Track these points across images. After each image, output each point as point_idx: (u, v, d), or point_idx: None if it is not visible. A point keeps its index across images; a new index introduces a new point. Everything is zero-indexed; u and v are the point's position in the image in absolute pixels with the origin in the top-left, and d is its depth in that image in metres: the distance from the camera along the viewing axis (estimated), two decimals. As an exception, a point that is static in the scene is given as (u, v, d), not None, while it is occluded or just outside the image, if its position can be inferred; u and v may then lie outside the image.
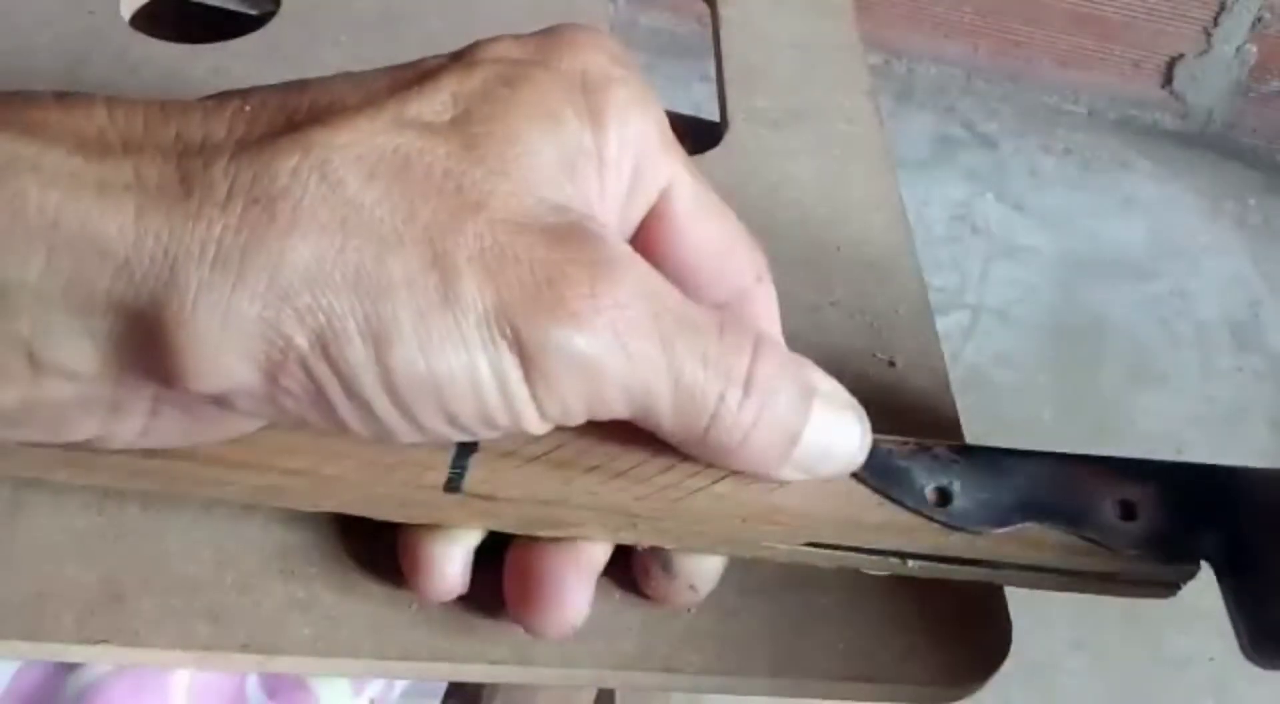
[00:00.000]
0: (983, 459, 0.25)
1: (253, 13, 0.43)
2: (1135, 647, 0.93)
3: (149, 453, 0.23)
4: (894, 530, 0.24)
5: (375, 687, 0.33)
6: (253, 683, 0.32)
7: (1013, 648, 0.27)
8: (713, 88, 0.42)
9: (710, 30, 0.44)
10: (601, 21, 0.43)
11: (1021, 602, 0.28)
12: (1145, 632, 0.93)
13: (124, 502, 0.27)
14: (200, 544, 0.27)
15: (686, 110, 0.43)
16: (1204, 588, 0.24)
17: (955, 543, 0.24)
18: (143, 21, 0.41)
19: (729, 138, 0.39)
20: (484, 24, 0.42)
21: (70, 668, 0.31)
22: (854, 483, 0.24)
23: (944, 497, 0.24)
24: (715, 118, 0.41)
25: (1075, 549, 0.24)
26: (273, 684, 0.32)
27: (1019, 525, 0.24)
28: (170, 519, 0.27)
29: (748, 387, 0.22)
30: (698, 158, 0.38)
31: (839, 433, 0.24)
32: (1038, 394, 1.09)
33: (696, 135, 0.39)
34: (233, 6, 0.45)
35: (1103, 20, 1.29)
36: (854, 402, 0.24)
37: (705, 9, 0.45)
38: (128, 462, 0.23)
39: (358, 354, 0.19)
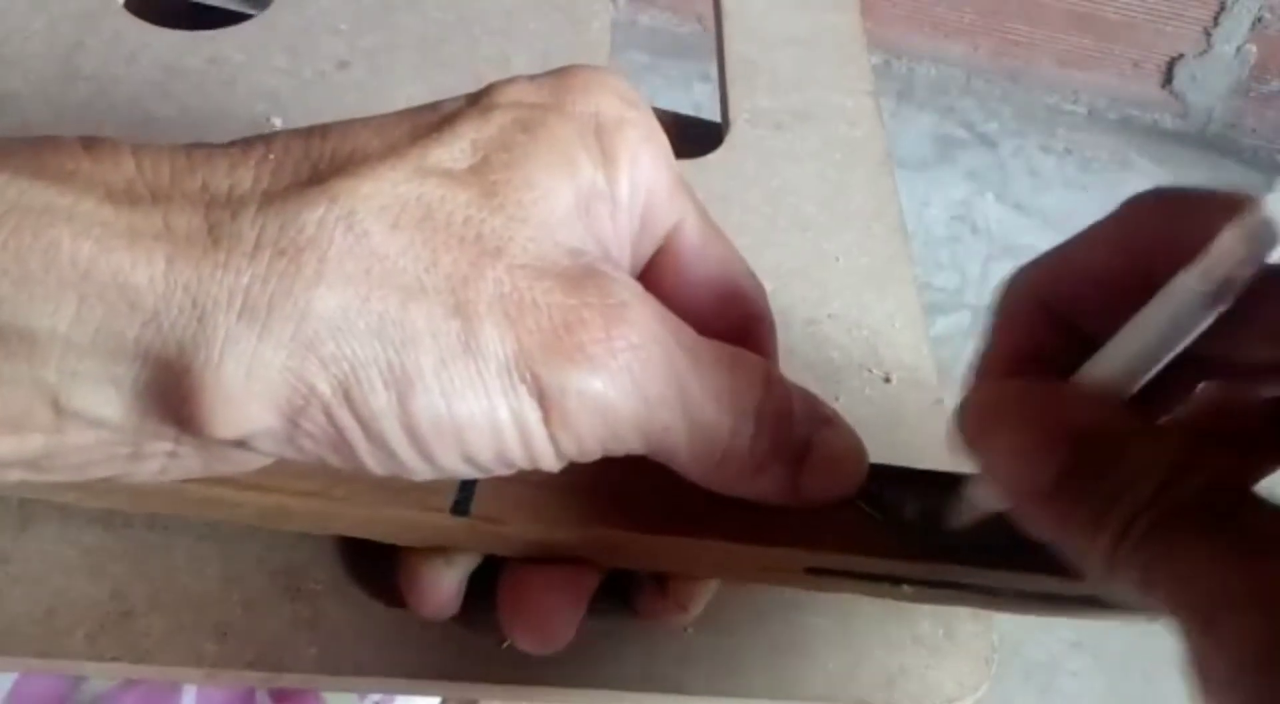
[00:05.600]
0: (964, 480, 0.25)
1: (251, 12, 0.42)
2: (1135, 647, 0.93)
3: None
4: (888, 555, 0.24)
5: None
6: (261, 689, 0.32)
7: (1013, 649, 0.28)
8: (713, 87, 0.42)
9: (711, 30, 0.44)
10: (603, 20, 0.43)
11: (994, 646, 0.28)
12: (1145, 632, 0.93)
13: (131, 518, 0.27)
14: (208, 561, 0.27)
15: (687, 110, 0.43)
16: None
17: (946, 567, 0.24)
18: (137, 6, 0.40)
19: (730, 140, 0.39)
20: (482, 13, 0.42)
21: (77, 679, 0.31)
22: (850, 509, 0.25)
23: (935, 522, 0.25)
24: (716, 117, 0.41)
25: (1061, 573, 0.24)
26: (279, 690, 0.32)
27: (1006, 550, 0.24)
28: (178, 536, 0.27)
29: (759, 420, 0.23)
30: (699, 160, 0.38)
31: (840, 461, 0.24)
32: (1038, 394, 1.09)
33: (698, 136, 0.39)
34: (233, 6, 0.44)
35: (1103, 20, 1.28)
36: (853, 430, 0.25)
37: (706, 9, 0.45)
38: (137, 484, 0.23)
39: (380, 401, 0.20)
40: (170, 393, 0.19)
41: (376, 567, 0.26)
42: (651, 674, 0.26)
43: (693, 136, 0.39)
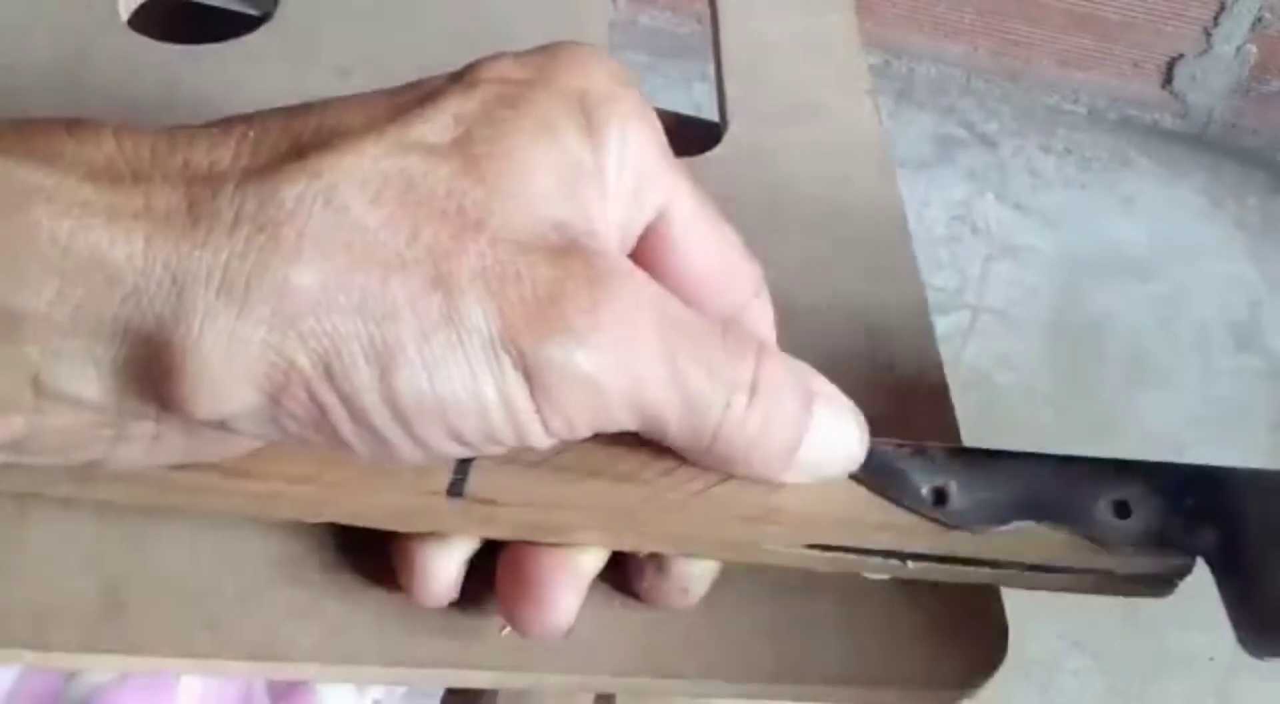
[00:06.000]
0: (978, 460, 0.25)
1: (253, 13, 0.43)
2: (1135, 647, 0.93)
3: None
4: (893, 530, 0.24)
5: (379, 688, 0.33)
6: (259, 686, 0.32)
7: (1013, 648, 0.27)
8: (713, 87, 0.42)
9: (709, 29, 0.44)
10: (602, 20, 0.43)
11: (1022, 602, 0.28)
12: (1145, 632, 0.93)
13: (126, 511, 0.27)
14: (202, 553, 0.27)
15: (687, 110, 0.43)
16: (1204, 588, 0.25)
17: (953, 541, 0.24)
18: (140, 22, 0.41)
19: (729, 138, 0.39)
20: (484, 22, 0.42)
21: (72, 673, 0.31)
22: (853, 484, 0.25)
23: (941, 496, 0.24)
24: (715, 117, 0.41)
25: (1072, 546, 0.24)
26: (278, 687, 0.32)
27: (1015, 524, 0.24)
28: (172, 529, 0.27)
29: (753, 393, 0.22)
30: (698, 159, 0.38)
31: (839, 435, 0.24)
32: (1037, 394, 1.09)
33: (696, 135, 0.39)
34: (233, 6, 0.44)
35: (1103, 20, 1.29)
36: (852, 404, 0.25)
37: (705, 8, 0.45)
38: (131, 473, 0.23)
39: (362, 376, 0.20)
40: (150, 371, 0.19)
41: (372, 555, 0.26)
42: (653, 659, 0.26)
43: (692, 136, 0.39)
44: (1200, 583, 0.25)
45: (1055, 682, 0.91)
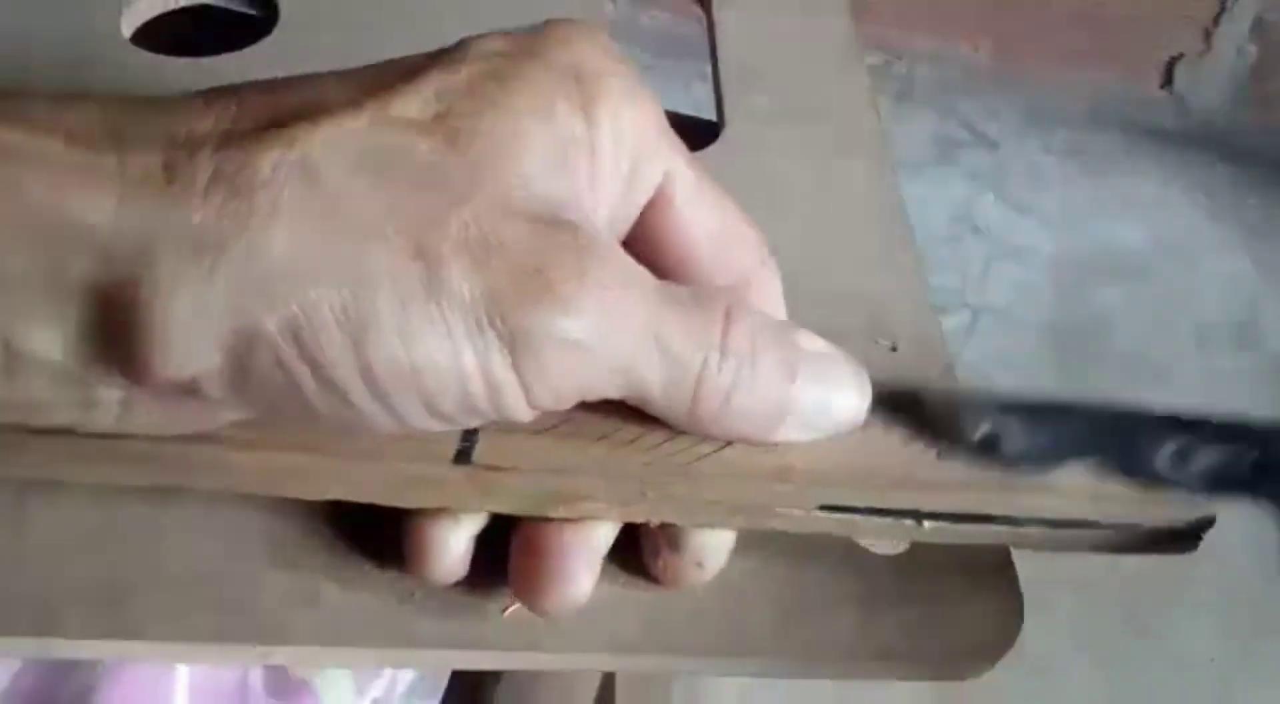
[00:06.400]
0: (1031, 406, 0.25)
1: (253, 13, 0.43)
2: (1136, 647, 0.93)
3: (155, 441, 0.23)
4: (910, 487, 0.24)
5: (378, 687, 0.33)
6: (255, 683, 0.32)
7: (1013, 647, 0.27)
8: (712, 88, 0.42)
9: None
10: (600, 20, 0.43)
11: (1023, 600, 0.28)
12: (1145, 632, 0.93)
13: (127, 498, 0.27)
14: (203, 539, 0.27)
15: (686, 110, 0.43)
16: (1204, 587, 0.25)
17: (973, 500, 0.24)
18: (143, 38, 0.41)
19: (726, 136, 0.39)
20: (482, 25, 0.42)
21: (69, 668, 0.31)
22: (864, 441, 0.24)
23: (991, 442, 0.24)
24: (713, 117, 0.41)
25: (1097, 498, 0.24)
26: (276, 685, 0.32)
27: (1059, 467, 0.24)
28: (173, 515, 0.27)
29: (724, 349, 0.22)
30: (695, 155, 0.38)
31: (832, 391, 0.24)
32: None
33: (694, 134, 0.39)
34: (234, 6, 0.45)
35: (1103, 20, 1.29)
36: (848, 357, 0.24)
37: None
38: (133, 449, 0.23)
39: (334, 343, 0.20)
40: (115, 331, 0.19)
41: (375, 540, 0.26)
42: (659, 635, 0.26)
43: (689, 135, 0.39)
44: (1201, 584, 0.25)
45: (1055, 681, 0.91)
